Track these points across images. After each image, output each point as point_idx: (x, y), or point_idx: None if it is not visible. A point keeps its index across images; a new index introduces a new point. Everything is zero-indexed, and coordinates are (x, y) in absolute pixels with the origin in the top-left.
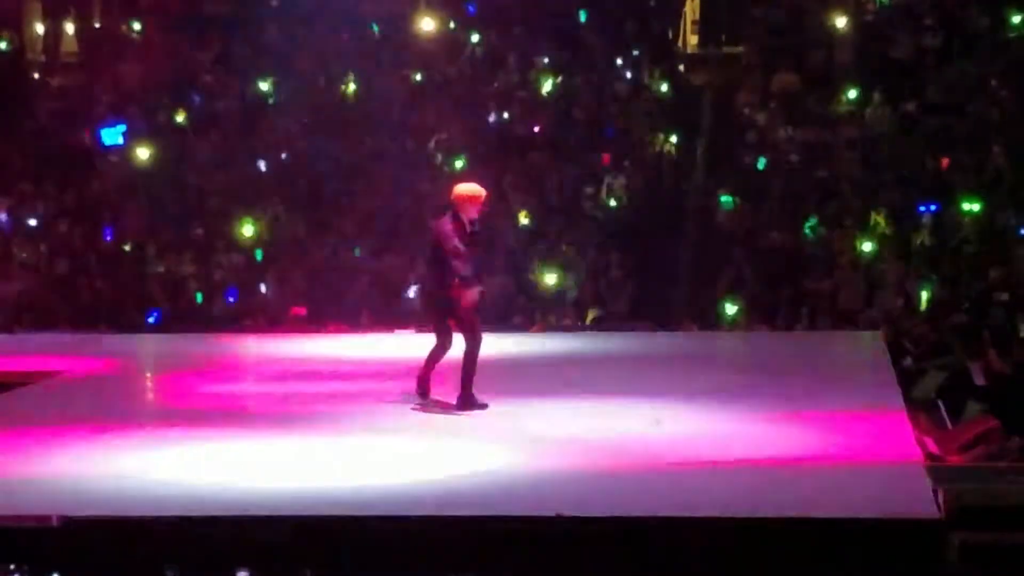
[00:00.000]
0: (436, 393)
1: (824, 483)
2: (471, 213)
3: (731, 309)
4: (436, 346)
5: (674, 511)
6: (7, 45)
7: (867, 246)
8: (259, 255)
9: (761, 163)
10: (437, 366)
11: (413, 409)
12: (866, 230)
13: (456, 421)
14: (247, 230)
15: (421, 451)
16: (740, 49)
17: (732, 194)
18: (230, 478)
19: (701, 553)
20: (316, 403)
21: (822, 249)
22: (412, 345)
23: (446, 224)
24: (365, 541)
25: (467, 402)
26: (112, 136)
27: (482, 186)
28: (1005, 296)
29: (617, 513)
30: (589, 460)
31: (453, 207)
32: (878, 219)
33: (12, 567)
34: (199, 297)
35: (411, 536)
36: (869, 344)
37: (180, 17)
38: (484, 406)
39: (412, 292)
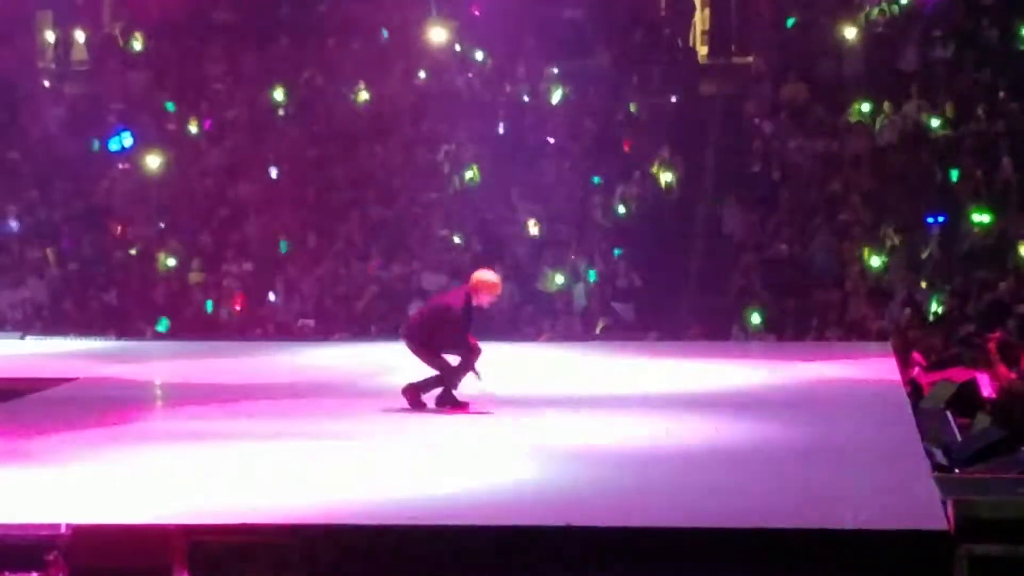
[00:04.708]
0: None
1: (832, 494)
2: (482, 300)
3: (756, 319)
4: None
5: (681, 521)
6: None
7: (875, 259)
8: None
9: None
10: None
11: (420, 420)
12: (875, 241)
13: (462, 430)
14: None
15: (428, 460)
16: (750, 59)
17: (739, 204)
18: (239, 486)
19: (708, 564)
20: (322, 412)
21: (831, 260)
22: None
23: (458, 306)
24: (370, 550)
25: (449, 400)
26: (119, 143)
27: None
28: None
29: (624, 523)
30: (597, 469)
31: (468, 289)
32: (887, 230)
33: None
34: (208, 305)
35: (418, 545)
36: (878, 355)
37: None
38: (466, 406)
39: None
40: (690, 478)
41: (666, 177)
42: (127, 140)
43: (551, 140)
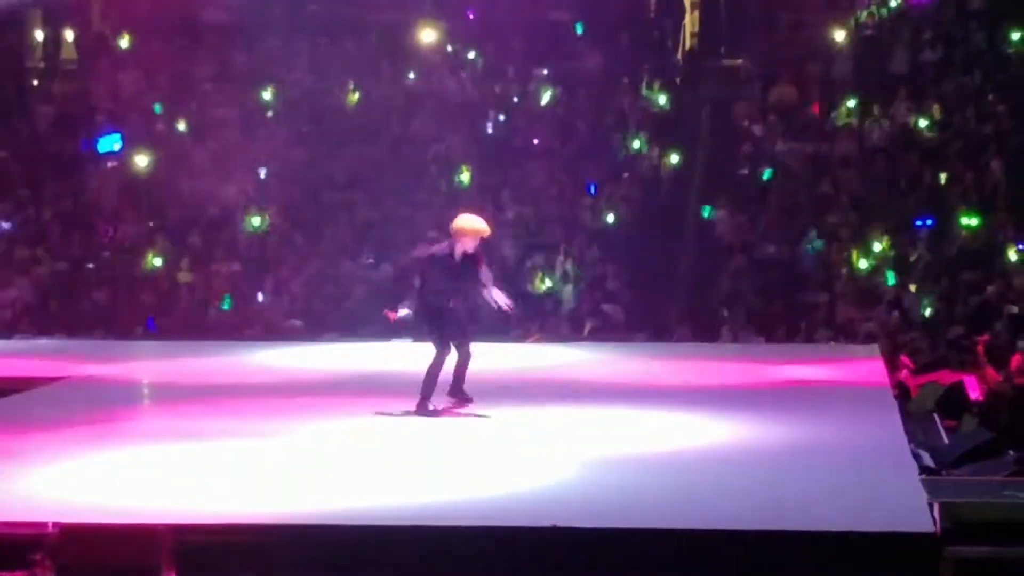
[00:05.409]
0: (442, 402)
1: (820, 497)
2: (467, 245)
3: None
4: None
5: (669, 523)
6: None
7: (863, 261)
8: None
9: (768, 174)
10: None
11: (411, 420)
12: (863, 244)
13: (453, 432)
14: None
15: (419, 462)
16: (739, 61)
17: (728, 206)
18: (226, 485)
19: (697, 566)
20: (310, 411)
21: (819, 262)
22: (409, 355)
23: (442, 252)
24: (358, 550)
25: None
26: (108, 144)
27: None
28: (1015, 309)
29: (612, 524)
30: (585, 471)
31: (451, 237)
32: (876, 234)
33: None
34: (196, 305)
35: (407, 546)
36: (866, 357)
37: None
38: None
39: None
40: (676, 480)
41: (669, 160)
42: (116, 145)
43: (535, 141)
